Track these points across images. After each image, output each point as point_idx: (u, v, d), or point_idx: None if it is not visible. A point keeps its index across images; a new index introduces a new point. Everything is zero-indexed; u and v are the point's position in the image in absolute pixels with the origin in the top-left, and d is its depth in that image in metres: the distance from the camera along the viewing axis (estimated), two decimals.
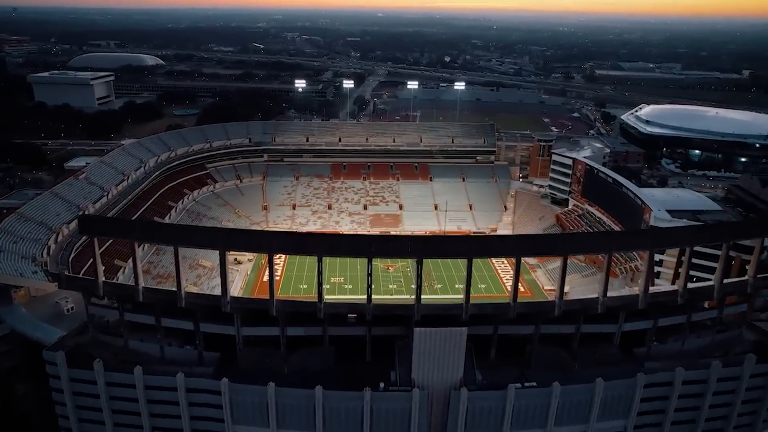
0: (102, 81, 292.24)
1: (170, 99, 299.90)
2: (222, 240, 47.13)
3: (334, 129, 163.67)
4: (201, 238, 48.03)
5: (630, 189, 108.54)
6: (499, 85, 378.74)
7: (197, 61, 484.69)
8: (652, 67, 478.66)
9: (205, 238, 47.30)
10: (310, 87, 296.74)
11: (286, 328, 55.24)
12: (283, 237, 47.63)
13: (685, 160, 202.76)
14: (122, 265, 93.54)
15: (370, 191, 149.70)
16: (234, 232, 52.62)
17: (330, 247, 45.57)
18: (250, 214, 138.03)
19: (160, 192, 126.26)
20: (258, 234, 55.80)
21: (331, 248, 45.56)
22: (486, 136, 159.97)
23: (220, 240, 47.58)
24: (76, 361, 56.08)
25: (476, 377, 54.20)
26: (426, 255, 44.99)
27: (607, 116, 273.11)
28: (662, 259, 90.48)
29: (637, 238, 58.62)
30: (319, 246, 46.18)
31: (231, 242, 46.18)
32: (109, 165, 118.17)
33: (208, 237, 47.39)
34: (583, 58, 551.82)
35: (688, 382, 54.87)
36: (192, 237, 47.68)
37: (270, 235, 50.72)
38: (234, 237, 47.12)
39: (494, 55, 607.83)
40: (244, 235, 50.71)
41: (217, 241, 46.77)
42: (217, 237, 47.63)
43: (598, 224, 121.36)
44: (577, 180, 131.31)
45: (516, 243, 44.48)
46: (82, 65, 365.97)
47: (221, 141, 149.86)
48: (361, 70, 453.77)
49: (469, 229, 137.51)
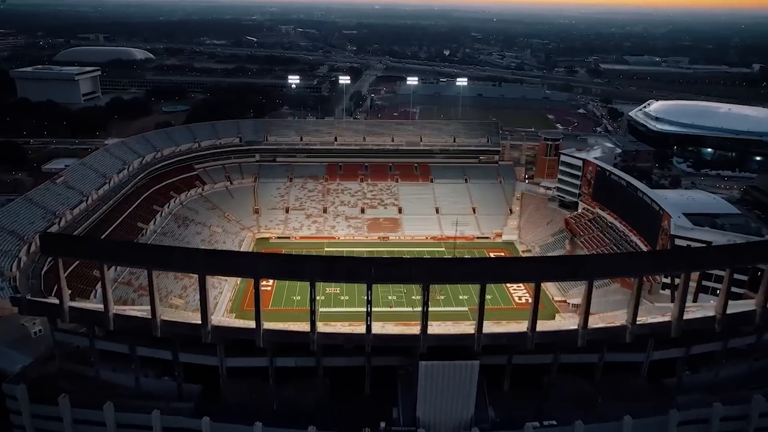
0: (88, 76, 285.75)
1: (159, 95, 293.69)
2: (201, 263, 41.97)
3: (330, 127, 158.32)
4: (178, 260, 42.90)
5: (646, 193, 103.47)
6: (501, 80, 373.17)
7: (188, 55, 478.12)
8: (658, 61, 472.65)
9: (183, 261, 42.20)
10: (305, 82, 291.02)
11: (275, 359, 50.22)
12: (271, 260, 42.54)
13: (697, 158, 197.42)
14: None
15: (368, 193, 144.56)
16: (214, 255, 47.47)
17: (324, 271, 40.46)
18: (241, 218, 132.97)
19: (145, 195, 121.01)
20: (242, 257, 50.51)
21: (326, 273, 40.46)
22: (490, 134, 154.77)
23: (199, 263, 42.41)
24: (40, 395, 51.12)
25: (489, 414, 49.22)
26: (433, 280, 39.86)
27: (614, 112, 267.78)
28: None
29: (672, 259, 53.19)
30: (312, 270, 41.00)
31: (211, 266, 41.07)
32: (89, 167, 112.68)
33: (186, 259, 42.26)
34: (586, 52, 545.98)
35: (727, 418, 49.93)
36: (167, 259, 42.55)
37: (255, 257, 45.57)
38: (214, 260, 42.04)
39: (495, 49, 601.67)
40: (226, 257, 45.55)
41: (195, 264, 41.53)
42: (196, 259, 42.49)
43: (611, 230, 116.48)
44: (587, 182, 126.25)
45: (535, 267, 39.51)
46: (69, 59, 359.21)
47: (210, 140, 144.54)
48: (357, 64, 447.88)
49: (473, 234, 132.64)
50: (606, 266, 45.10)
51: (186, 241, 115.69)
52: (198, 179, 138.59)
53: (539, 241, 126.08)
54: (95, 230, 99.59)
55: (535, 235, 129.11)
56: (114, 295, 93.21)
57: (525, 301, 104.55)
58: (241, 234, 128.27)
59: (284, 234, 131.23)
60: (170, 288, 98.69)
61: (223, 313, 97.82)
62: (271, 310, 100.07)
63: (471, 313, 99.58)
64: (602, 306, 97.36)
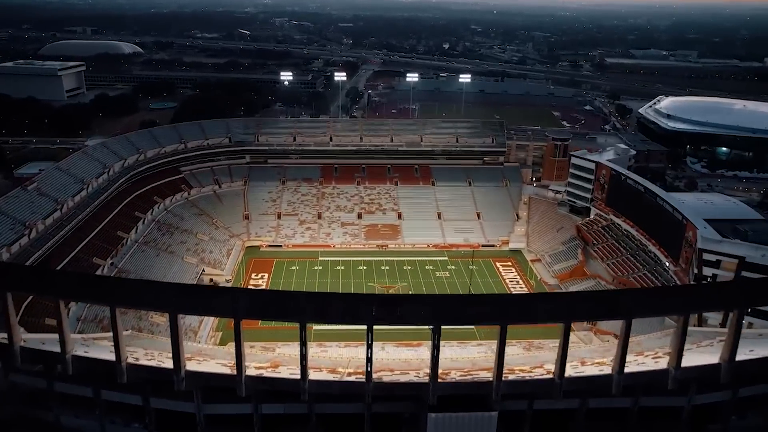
0: (72, 71, 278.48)
1: (147, 91, 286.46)
2: (173, 301, 35.88)
3: (325, 126, 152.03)
4: (146, 296, 36.86)
5: (667, 200, 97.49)
6: (504, 75, 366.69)
7: (178, 49, 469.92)
8: (665, 55, 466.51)
9: (152, 298, 36.17)
10: (299, 77, 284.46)
11: (260, 405, 44.33)
12: (254, 297, 36.52)
13: (711, 158, 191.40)
14: None
15: (365, 197, 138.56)
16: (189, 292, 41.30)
17: (316, 311, 34.48)
18: (230, 225, 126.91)
19: (126, 201, 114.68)
20: (220, 294, 44.21)
21: (319, 313, 34.45)
22: (495, 134, 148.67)
23: (171, 300, 36.31)
24: None
25: None
26: (446, 321, 33.87)
27: (622, 109, 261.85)
28: None
29: (724, 294, 46.97)
30: (303, 309, 34.98)
31: (184, 304, 34.96)
32: (65, 172, 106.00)
33: (155, 296, 36.26)
34: (590, 45, 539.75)
35: None
36: (134, 296, 36.51)
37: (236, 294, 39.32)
38: (189, 297, 36.04)
39: (495, 42, 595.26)
40: (201, 294, 39.47)
41: (166, 301, 35.51)
42: (167, 296, 36.47)
43: (627, 238, 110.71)
44: (600, 186, 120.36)
45: (564, 305, 33.65)
46: (54, 54, 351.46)
47: (197, 141, 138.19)
48: (353, 58, 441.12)
49: (477, 242, 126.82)
50: (647, 303, 39.18)
51: (170, 251, 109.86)
52: (184, 183, 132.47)
53: (549, 250, 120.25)
54: (69, 242, 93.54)
55: (545, 243, 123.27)
56: (89, 312, 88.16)
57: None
58: (230, 242, 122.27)
59: (276, 242, 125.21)
60: None
61: (208, 331, 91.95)
62: (262, 328, 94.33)
63: (477, 330, 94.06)
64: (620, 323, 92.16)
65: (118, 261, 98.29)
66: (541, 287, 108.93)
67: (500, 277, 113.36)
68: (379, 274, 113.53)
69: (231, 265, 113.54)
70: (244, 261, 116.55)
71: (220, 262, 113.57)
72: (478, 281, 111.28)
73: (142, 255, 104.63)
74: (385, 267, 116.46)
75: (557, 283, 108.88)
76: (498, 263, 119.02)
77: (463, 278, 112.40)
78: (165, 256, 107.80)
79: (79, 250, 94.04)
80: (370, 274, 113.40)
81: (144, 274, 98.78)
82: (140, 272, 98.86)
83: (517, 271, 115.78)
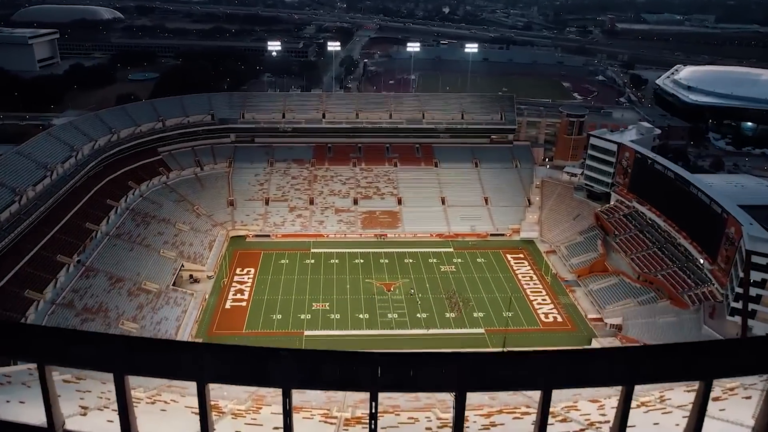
0: (44, 39, 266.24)
1: (126, 60, 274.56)
2: (119, 359, 27.67)
3: (317, 101, 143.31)
4: (85, 352, 28.86)
5: (703, 190, 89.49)
6: (510, 41, 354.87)
7: (161, 14, 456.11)
8: (680, 20, 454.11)
9: (92, 354, 28.10)
10: (289, 45, 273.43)
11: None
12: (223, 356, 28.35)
13: (735, 134, 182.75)
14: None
15: (362, 180, 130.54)
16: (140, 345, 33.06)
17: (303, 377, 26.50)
18: (213, 212, 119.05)
19: (97, 188, 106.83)
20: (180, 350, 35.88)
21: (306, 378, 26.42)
22: (503, 109, 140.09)
23: (117, 355, 27.97)
24: None
25: None
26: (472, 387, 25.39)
27: (637, 79, 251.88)
28: (760, 294, 72.43)
29: None
30: (286, 371, 26.80)
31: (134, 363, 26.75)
32: (25, 156, 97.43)
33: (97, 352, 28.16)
34: (599, 9, 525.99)
35: None
36: (70, 350, 28.45)
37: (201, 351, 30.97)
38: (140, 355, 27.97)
39: (498, 6, 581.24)
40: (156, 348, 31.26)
41: (110, 360, 27.23)
42: (112, 353, 28.31)
43: (652, 229, 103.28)
44: (622, 170, 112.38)
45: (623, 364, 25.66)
46: (27, 20, 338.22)
47: (177, 118, 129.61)
48: (348, 24, 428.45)
49: (486, 230, 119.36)
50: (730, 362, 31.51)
51: (146, 244, 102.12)
52: (162, 165, 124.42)
53: (565, 241, 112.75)
54: (29, 238, 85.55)
55: (560, 233, 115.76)
56: (50, 321, 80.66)
57: (553, 319, 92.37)
58: (213, 232, 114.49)
59: (263, 231, 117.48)
60: (122, 309, 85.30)
61: (187, 338, 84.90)
62: (247, 333, 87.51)
63: (489, 337, 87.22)
64: (651, 329, 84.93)
65: (85, 258, 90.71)
66: (558, 284, 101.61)
67: (511, 272, 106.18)
68: (378, 268, 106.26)
69: (213, 260, 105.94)
70: (228, 254, 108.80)
71: (201, 256, 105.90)
72: (487, 276, 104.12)
73: (114, 250, 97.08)
74: (384, 260, 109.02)
75: (575, 279, 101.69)
76: (509, 255, 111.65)
77: (470, 273, 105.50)
78: (140, 250, 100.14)
79: (41, 247, 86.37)
80: (367, 269, 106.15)
81: (115, 272, 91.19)
82: (110, 270, 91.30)
83: (530, 265, 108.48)
